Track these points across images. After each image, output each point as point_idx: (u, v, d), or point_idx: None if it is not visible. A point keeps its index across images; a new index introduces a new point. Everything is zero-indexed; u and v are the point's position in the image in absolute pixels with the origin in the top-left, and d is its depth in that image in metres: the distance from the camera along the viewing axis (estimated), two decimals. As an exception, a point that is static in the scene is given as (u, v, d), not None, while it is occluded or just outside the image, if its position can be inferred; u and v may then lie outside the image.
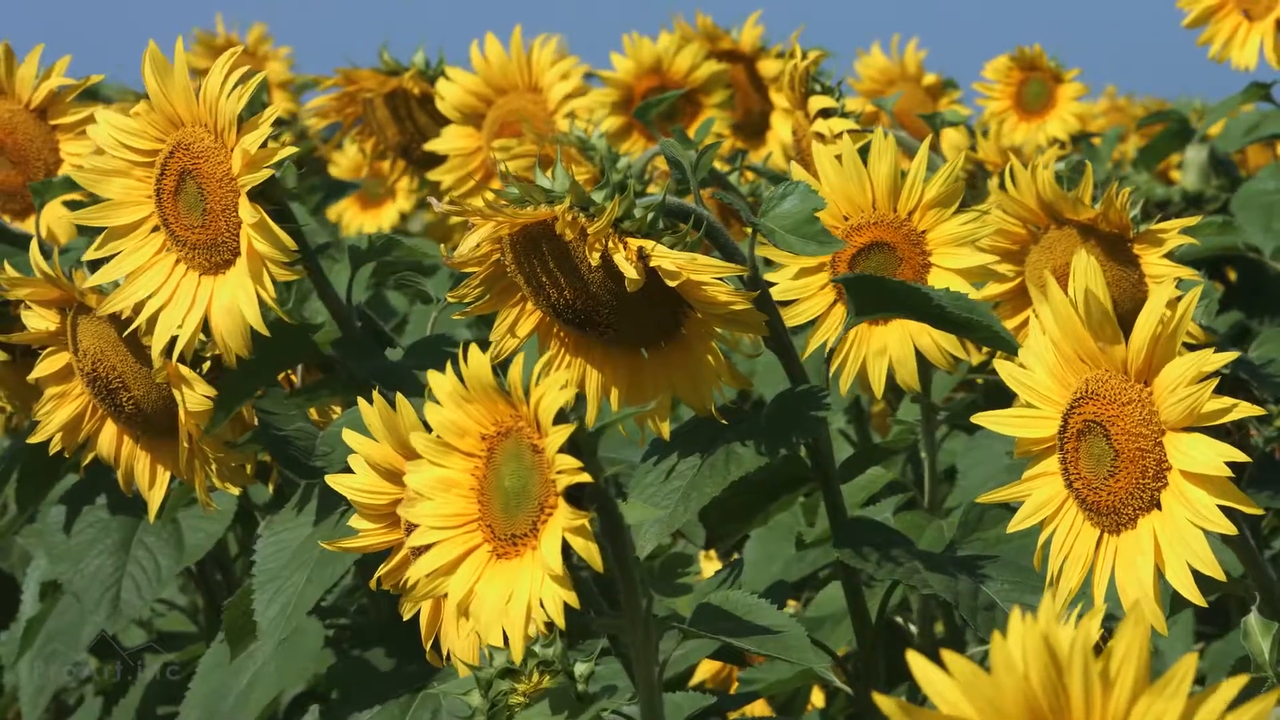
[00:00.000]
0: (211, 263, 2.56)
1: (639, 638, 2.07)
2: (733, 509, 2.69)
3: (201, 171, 2.53)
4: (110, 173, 2.60)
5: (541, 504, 1.98)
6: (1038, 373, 2.13)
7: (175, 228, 2.56)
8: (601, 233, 2.29)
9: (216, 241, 2.54)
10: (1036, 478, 2.18)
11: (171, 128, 2.56)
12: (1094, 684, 1.36)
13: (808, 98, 3.11)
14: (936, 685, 1.35)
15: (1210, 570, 2.03)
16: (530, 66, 4.04)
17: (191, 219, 2.55)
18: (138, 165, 2.59)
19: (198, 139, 2.54)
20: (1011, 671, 1.36)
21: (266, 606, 2.63)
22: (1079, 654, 1.36)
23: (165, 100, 2.55)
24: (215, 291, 2.55)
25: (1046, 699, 1.36)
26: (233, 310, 2.53)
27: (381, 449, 2.26)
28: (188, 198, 2.55)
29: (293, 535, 2.66)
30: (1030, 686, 1.36)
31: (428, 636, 2.36)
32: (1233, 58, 3.83)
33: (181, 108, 2.54)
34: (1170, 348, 2.03)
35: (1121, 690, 1.37)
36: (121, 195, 2.60)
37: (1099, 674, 1.36)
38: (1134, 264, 2.77)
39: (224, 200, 2.53)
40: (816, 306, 2.73)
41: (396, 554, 2.35)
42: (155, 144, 2.58)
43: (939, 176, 2.68)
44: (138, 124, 2.58)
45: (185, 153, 2.54)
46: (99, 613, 3.11)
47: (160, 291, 2.58)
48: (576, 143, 3.49)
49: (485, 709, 2.18)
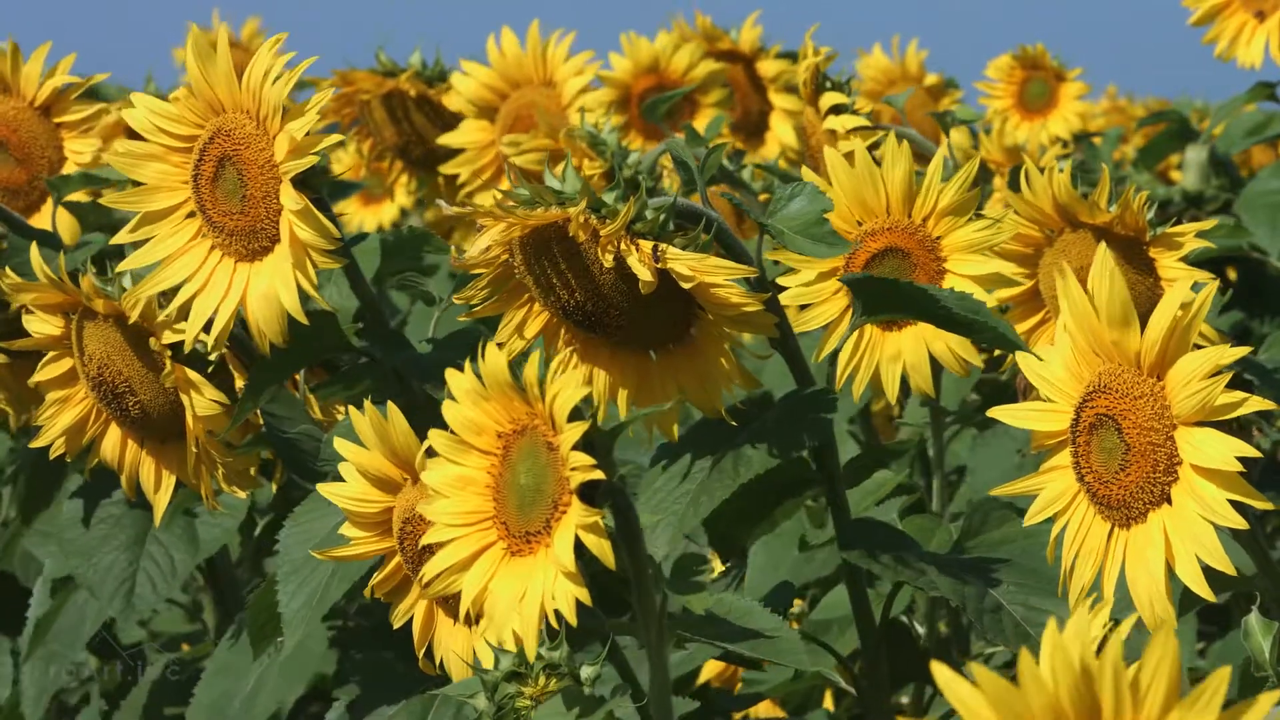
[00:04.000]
0: (249, 250, 2.53)
1: (653, 638, 2.07)
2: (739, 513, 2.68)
3: (242, 158, 2.51)
4: (146, 157, 2.58)
5: (555, 501, 1.99)
6: (1054, 365, 2.13)
7: (212, 214, 2.54)
8: (615, 234, 2.28)
9: (255, 228, 2.52)
10: (1050, 471, 2.18)
11: (211, 113, 2.54)
12: (1124, 698, 1.35)
13: (819, 95, 3.10)
14: (964, 698, 1.34)
15: (1220, 564, 2.03)
16: (546, 61, 4.04)
17: (230, 205, 2.52)
18: (175, 150, 2.57)
19: (239, 125, 2.51)
20: (1041, 686, 1.35)
21: (291, 598, 2.60)
22: (1109, 667, 1.34)
23: (206, 85, 2.52)
24: (252, 279, 2.52)
25: (1076, 713, 1.35)
26: (270, 297, 2.50)
27: (373, 457, 2.26)
28: (226, 184, 2.53)
29: (318, 526, 2.61)
30: (1059, 700, 1.35)
31: (420, 644, 2.36)
32: (1239, 56, 3.83)
33: (223, 93, 2.52)
34: (1185, 342, 2.03)
35: (1153, 704, 1.36)
36: (157, 180, 2.58)
37: (1129, 687, 1.35)
38: (1150, 268, 2.76)
39: (265, 187, 2.50)
40: (830, 311, 2.72)
41: (388, 563, 2.35)
42: (194, 129, 2.55)
43: (954, 184, 2.68)
44: (176, 109, 2.55)
45: (226, 139, 2.52)
46: (113, 607, 3.10)
47: (194, 278, 2.55)
48: (588, 137, 3.49)
49: (492, 712, 2.18)
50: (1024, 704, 1.34)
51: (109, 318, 2.71)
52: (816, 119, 3.12)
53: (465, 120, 4.08)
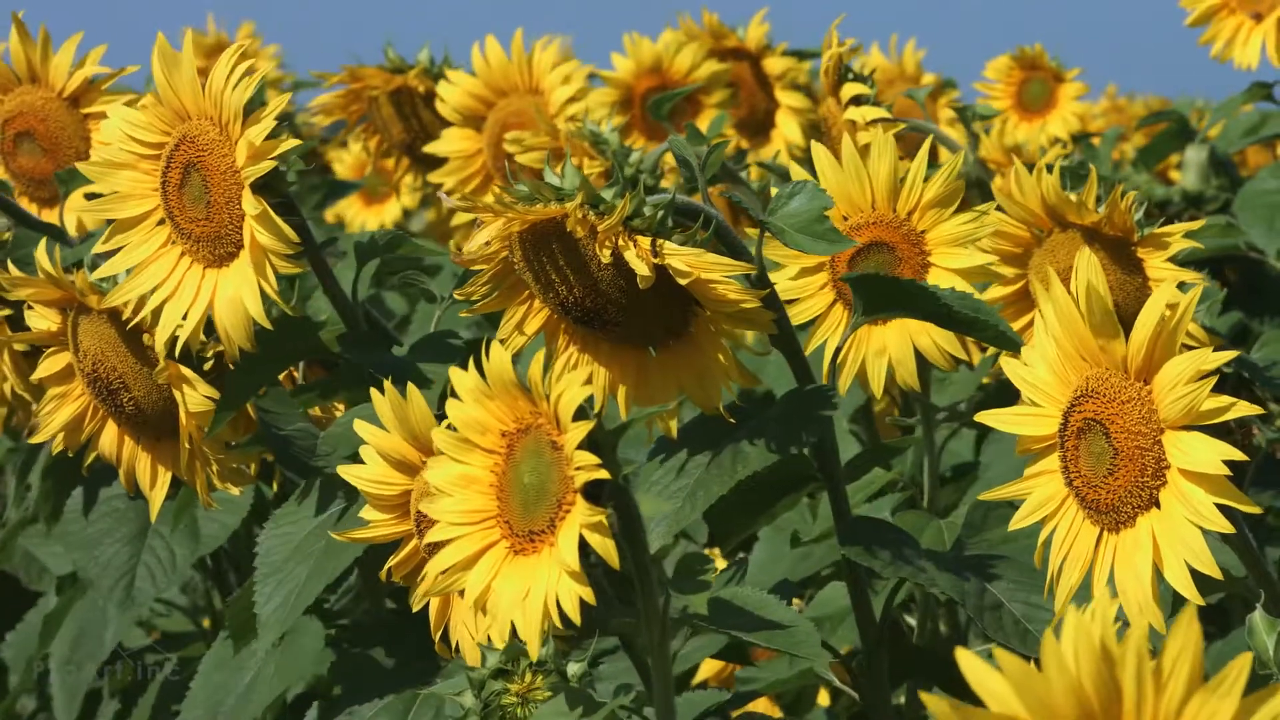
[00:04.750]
0: (215, 255, 2.55)
1: (655, 636, 2.07)
2: (737, 508, 2.69)
3: (206, 164, 2.53)
4: (118, 165, 2.59)
5: (560, 500, 1.99)
6: (1040, 370, 2.13)
7: (180, 220, 2.56)
8: (612, 230, 2.29)
9: (220, 234, 2.54)
10: (1037, 475, 2.18)
11: (178, 120, 2.56)
12: (1147, 682, 1.36)
13: (840, 85, 3.11)
14: (987, 684, 1.34)
15: (1208, 569, 2.03)
16: (531, 69, 4.05)
17: (196, 211, 2.55)
18: (145, 158, 2.59)
19: (203, 132, 2.53)
20: (1064, 670, 1.35)
21: (268, 600, 2.63)
22: (1133, 652, 1.35)
23: (172, 93, 2.54)
24: (219, 284, 2.54)
25: (1098, 697, 1.35)
26: (235, 303, 2.52)
27: (392, 439, 2.26)
28: (192, 190, 2.55)
29: (296, 529, 2.65)
30: (1082, 685, 1.35)
31: (437, 627, 2.36)
32: (1235, 57, 3.83)
33: (188, 101, 2.54)
34: (1170, 346, 2.03)
35: (1175, 689, 1.36)
36: (129, 188, 2.59)
37: (1152, 672, 1.35)
38: (1138, 268, 2.76)
39: (228, 193, 2.52)
40: (816, 306, 2.75)
41: (406, 545, 2.35)
42: (162, 137, 2.58)
43: (938, 177, 2.69)
44: (145, 117, 2.58)
45: (190, 146, 2.54)
46: (112, 600, 3.11)
47: (165, 284, 2.57)
48: (590, 137, 3.49)
49: (479, 709, 2.18)
50: (1045, 686, 1.35)
51: (103, 314, 2.72)
52: (838, 109, 3.12)
53: (450, 129, 4.08)
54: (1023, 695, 1.35)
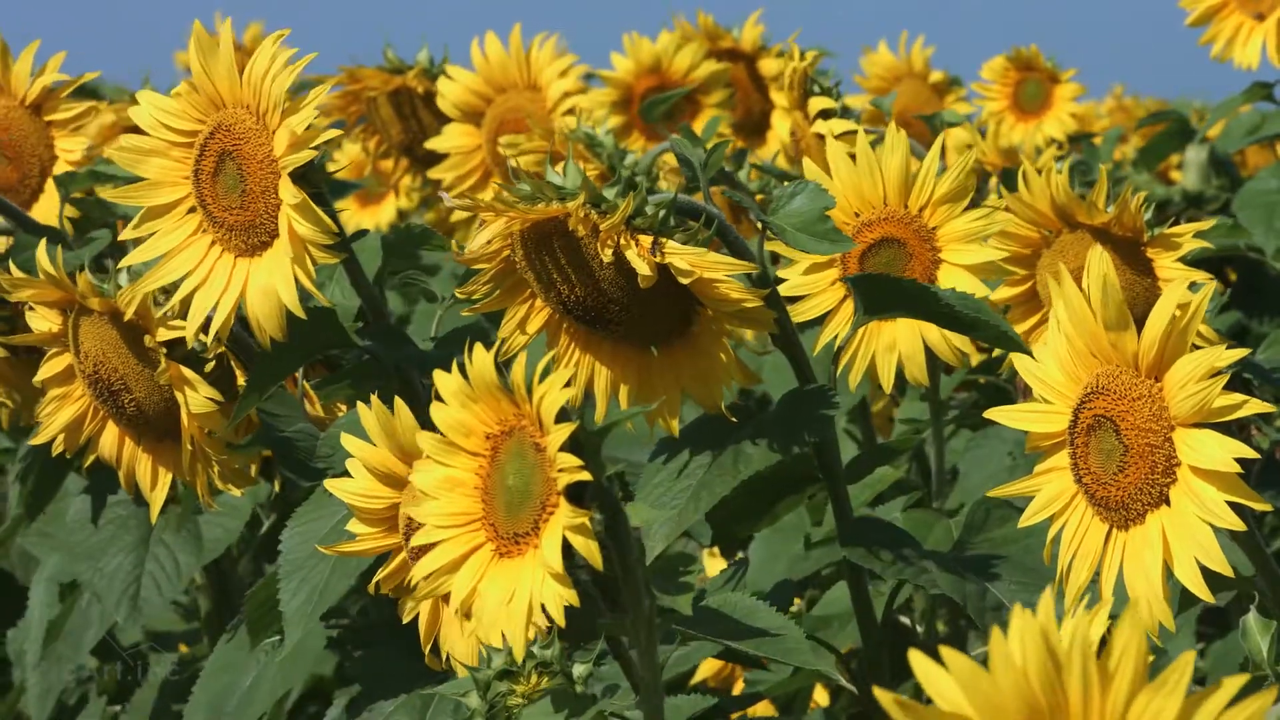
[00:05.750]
0: (248, 245, 2.53)
1: (642, 639, 2.07)
2: (739, 509, 2.69)
3: (242, 153, 2.51)
4: (149, 152, 2.57)
5: (543, 503, 1.98)
6: (1050, 367, 2.13)
7: (213, 209, 2.54)
8: (614, 229, 2.28)
9: (254, 223, 2.52)
10: (1047, 473, 2.18)
11: (213, 109, 2.54)
12: (1092, 681, 1.35)
13: (807, 99, 3.11)
14: (936, 683, 1.34)
15: (1218, 566, 2.03)
16: (529, 64, 4.05)
17: (230, 200, 2.52)
18: (176, 146, 2.57)
19: (239, 120, 2.51)
20: (1010, 669, 1.35)
21: (292, 596, 2.61)
22: (1077, 651, 1.35)
23: (208, 80, 2.52)
24: (251, 273, 2.52)
25: (1045, 696, 1.35)
26: (269, 292, 2.50)
27: (379, 453, 2.25)
28: (227, 179, 2.53)
29: (319, 525, 2.63)
30: (1029, 684, 1.35)
31: (426, 639, 2.36)
32: (1235, 57, 3.83)
33: (224, 88, 2.52)
34: (1182, 343, 2.03)
35: (1120, 687, 1.36)
36: (159, 175, 2.57)
37: (1097, 671, 1.35)
38: (1148, 268, 2.76)
39: (264, 182, 2.50)
40: (826, 302, 2.74)
41: (395, 558, 2.34)
42: (195, 125, 2.55)
43: (950, 173, 2.69)
44: (178, 104, 2.56)
45: (226, 134, 2.52)
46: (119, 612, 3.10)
47: (195, 272, 2.55)
48: (584, 139, 3.49)
49: (484, 710, 2.18)
50: (994, 686, 1.34)
51: (104, 315, 2.71)
52: (805, 123, 3.12)
53: (451, 124, 4.09)
54: (970, 695, 1.34)
